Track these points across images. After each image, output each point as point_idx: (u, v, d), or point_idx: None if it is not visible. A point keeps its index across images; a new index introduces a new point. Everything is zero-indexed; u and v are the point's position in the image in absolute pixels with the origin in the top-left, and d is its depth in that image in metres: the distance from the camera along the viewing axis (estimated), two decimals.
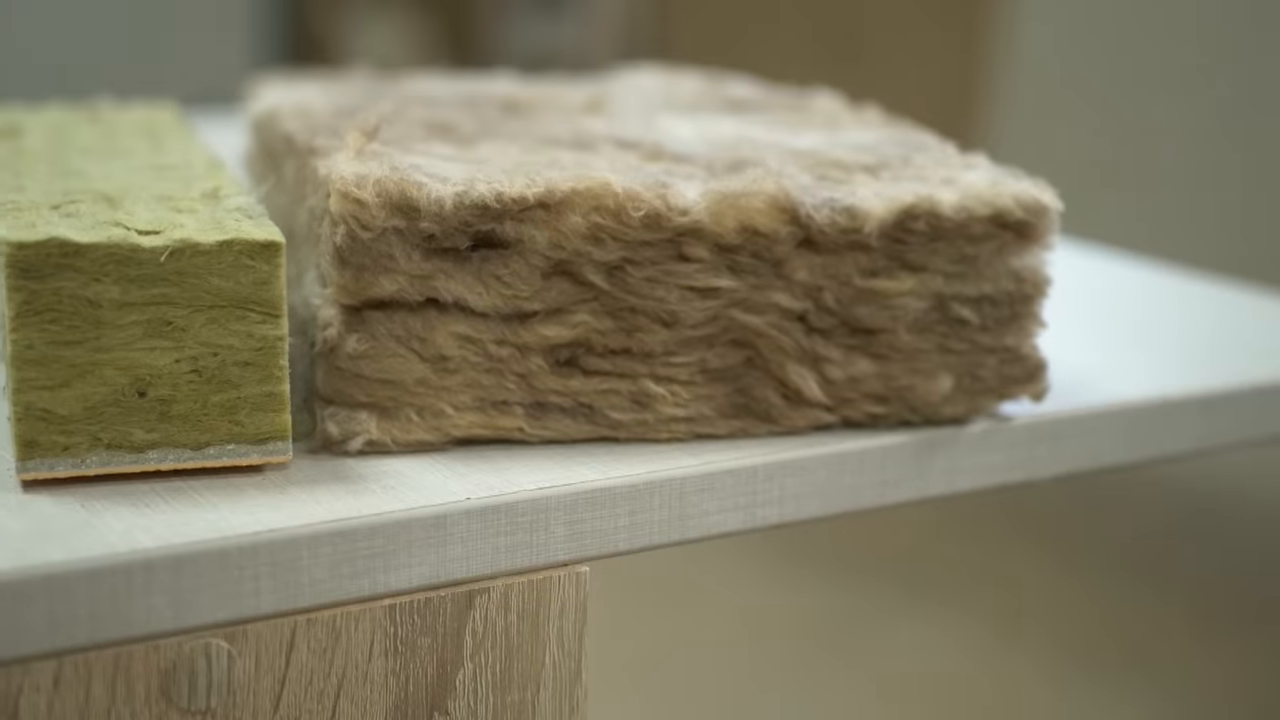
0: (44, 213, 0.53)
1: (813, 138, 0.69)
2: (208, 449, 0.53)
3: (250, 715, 0.50)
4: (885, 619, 1.96)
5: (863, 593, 2.04)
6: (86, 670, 0.48)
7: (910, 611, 1.98)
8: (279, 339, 0.53)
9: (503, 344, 0.57)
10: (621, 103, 0.77)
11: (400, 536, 0.52)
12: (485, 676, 0.54)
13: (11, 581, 0.46)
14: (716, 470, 0.57)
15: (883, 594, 2.04)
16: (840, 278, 0.59)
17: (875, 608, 1.99)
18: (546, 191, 0.56)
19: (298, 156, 0.63)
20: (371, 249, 0.55)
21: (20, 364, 0.51)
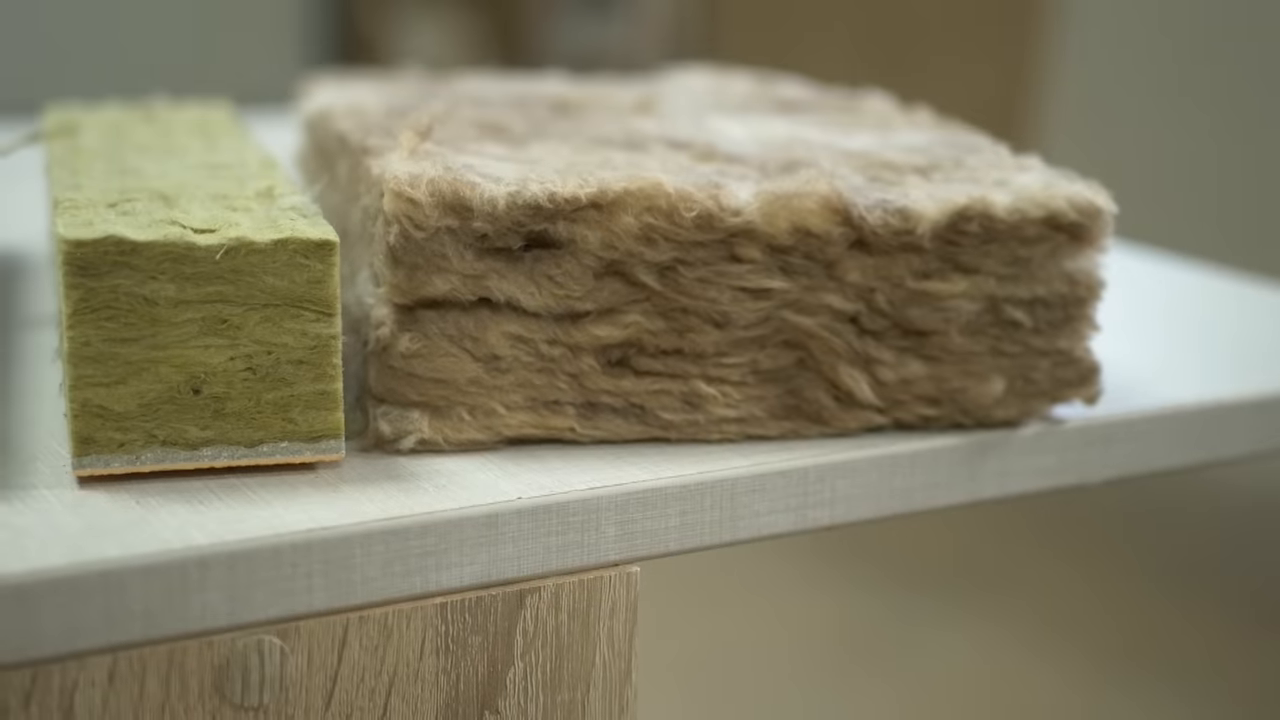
0: (101, 211, 0.54)
1: (865, 139, 0.69)
2: (261, 446, 0.53)
3: (302, 712, 0.51)
4: (932, 622, 1.95)
5: (909, 595, 2.03)
6: (141, 666, 0.48)
7: (956, 615, 1.98)
8: (333, 337, 0.53)
9: (555, 344, 0.57)
10: (672, 103, 0.77)
11: (452, 535, 0.52)
12: (536, 676, 0.54)
13: (68, 577, 0.46)
14: (767, 471, 0.57)
15: (929, 597, 2.03)
16: (892, 279, 0.59)
17: (922, 610, 1.99)
18: (599, 192, 0.56)
19: (351, 156, 0.64)
20: (425, 248, 0.55)
21: (77, 361, 0.51)
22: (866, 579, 2.07)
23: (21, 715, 0.46)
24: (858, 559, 2.11)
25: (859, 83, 0.95)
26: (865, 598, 2.02)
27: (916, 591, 2.05)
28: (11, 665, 0.46)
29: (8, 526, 0.49)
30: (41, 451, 0.55)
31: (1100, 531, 2.24)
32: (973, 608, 2.00)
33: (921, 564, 2.12)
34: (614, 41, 3.21)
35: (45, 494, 0.51)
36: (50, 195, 0.62)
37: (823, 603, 2.01)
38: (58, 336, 0.60)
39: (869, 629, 1.94)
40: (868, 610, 1.99)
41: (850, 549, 2.12)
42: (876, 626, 1.95)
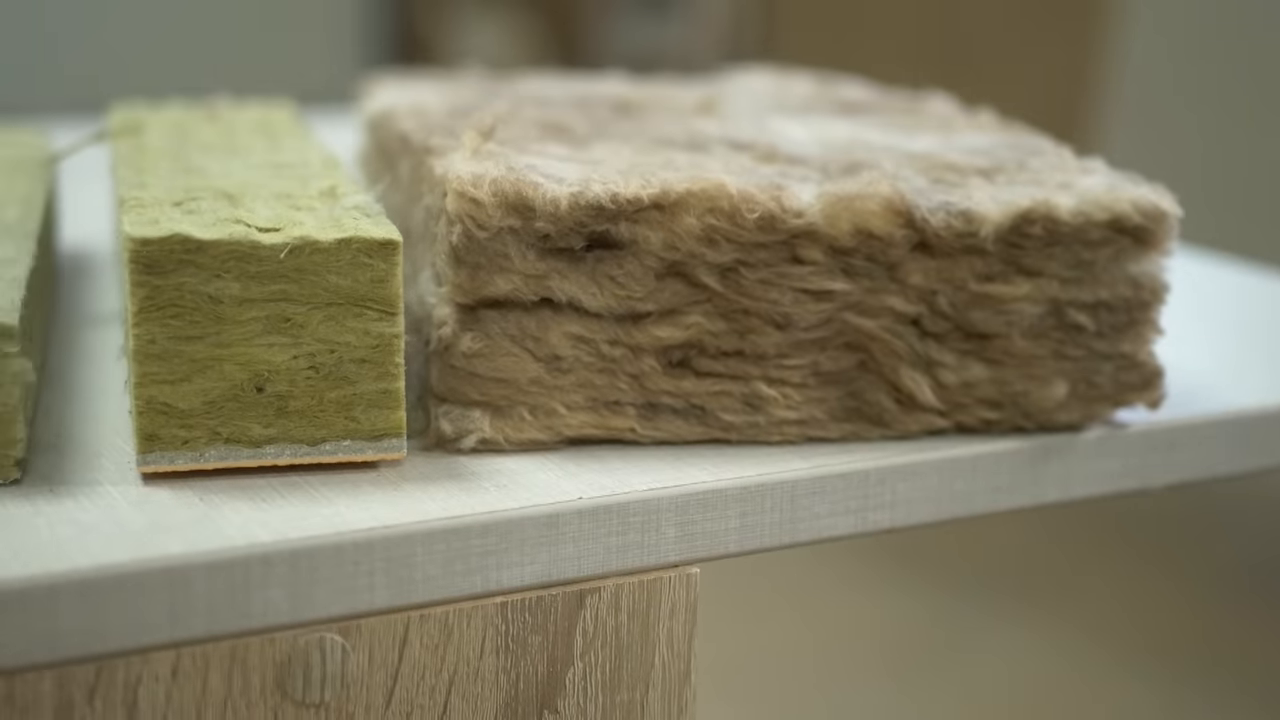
0: (166, 209, 0.54)
1: (927, 141, 0.69)
2: (324, 445, 0.53)
3: (363, 709, 0.51)
4: (986, 627, 1.95)
5: (965, 600, 2.02)
6: (204, 661, 0.48)
7: (1011, 620, 1.97)
8: (395, 337, 0.53)
9: (616, 344, 0.57)
10: (733, 104, 0.76)
11: (513, 535, 0.52)
12: (595, 676, 0.54)
13: (132, 573, 0.47)
14: (828, 474, 0.57)
15: (983, 601, 2.02)
16: (955, 282, 0.58)
17: (977, 615, 1.98)
18: (661, 192, 0.56)
19: (413, 156, 0.64)
20: (487, 248, 0.55)
21: (142, 358, 0.51)
22: (922, 582, 2.06)
23: (86, 709, 0.47)
24: (915, 562, 2.11)
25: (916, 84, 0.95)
26: (921, 601, 2.02)
27: (971, 596, 2.04)
28: (76, 660, 0.46)
29: (74, 522, 0.49)
30: (106, 448, 0.55)
31: (1158, 537, 2.22)
32: (1028, 613, 1.99)
33: (977, 568, 2.11)
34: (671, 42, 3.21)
35: (110, 490, 0.52)
36: (116, 194, 0.63)
37: (878, 605, 2.00)
38: (123, 334, 0.61)
39: (926, 633, 1.93)
40: (924, 614, 1.98)
41: (907, 552, 2.11)
42: (933, 630, 1.94)
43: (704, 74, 0.93)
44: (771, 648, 1.89)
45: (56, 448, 0.55)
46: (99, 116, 0.88)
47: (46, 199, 0.69)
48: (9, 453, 0.51)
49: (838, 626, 1.96)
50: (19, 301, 0.52)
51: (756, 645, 1.89)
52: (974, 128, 0.73)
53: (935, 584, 2.06)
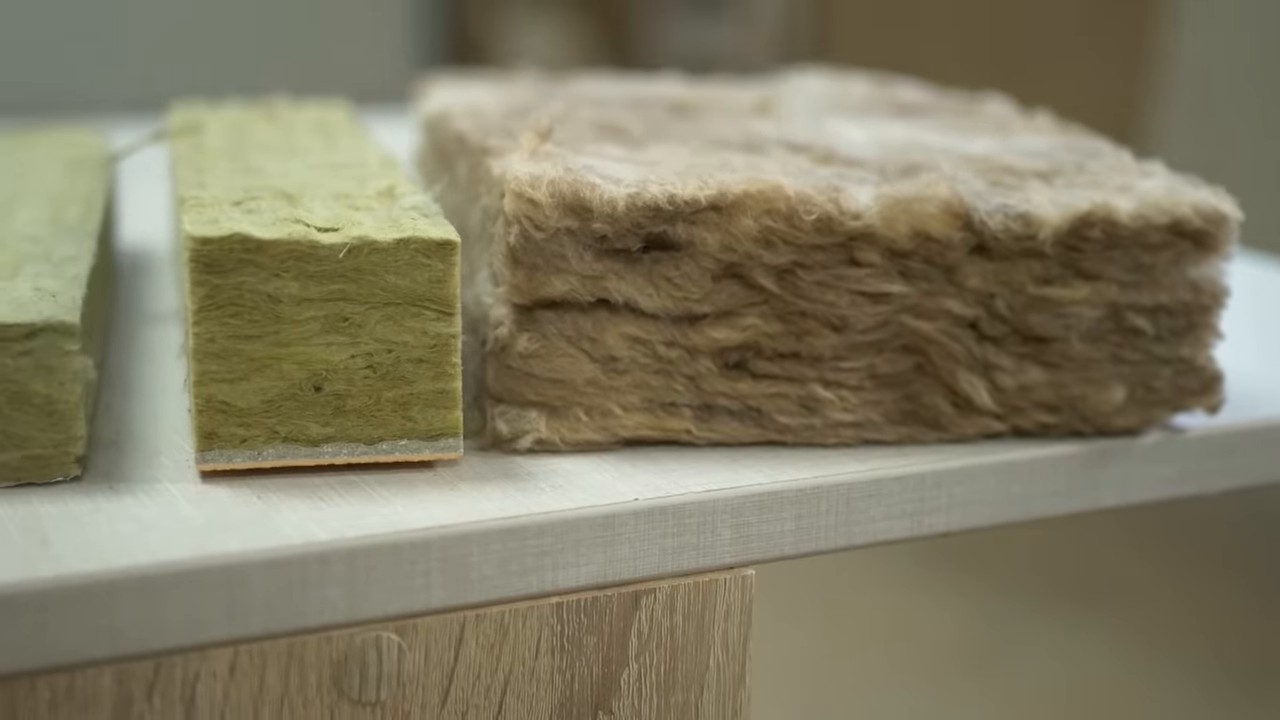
0: (226, 209, 0.54)
1: (985, 143, 0.68)
2: (381, 444, 0.53)
3: (419, 708, 0.51)
4: (1042, 631, 1.94)
5: (1019, 603, 2.02)
6: (261, 659, 0.48)
7: (1067, 624, 1.96)
8: (453, 336, 0.53)
9: (672, 345, 0.57)
10: (790, 105, 0.76)
11: (569, 535, 0.52)
12: (650, 677, 0.54)
13: (191, 570, 0.47)
14: (884, 476, 0.57)
15: (1039, 605, 2.01)
16: (1013, 285, 0.58)
17: (1032, 618, 1.97)
18: (719, 194, 0.56)
19: (470, 156, 0.64)
20: (544, 249, 0.55)
21: (202, 357, 0.52)
22: (977, 586, 2.05)
23: (145, 705, 0.47)
24: (970, 565, 2.10)
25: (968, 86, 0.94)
26: (975, 605, 2.01)
27: (1026, 600, 2.03)
28: (135, 656, 0.47)
29: (133, 519, 0.49)
30: (165, 446, 0.56)
31: (1215, 543, 2.21)
32: (1083, 618, 1.98)
33: (1032, 572, 2.10)
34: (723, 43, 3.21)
35: (169, 488, 0.52)
36: (175, 193, 0.63)
37: (932, 608, 2.00)
38: (182, 332, 0.61)
39: (979, 636, 1.93)
40: (978, 618, 1.97)
41: (961, 555, 2.10)
42: (986, 633, 1.93)
43: (757, 75, 0.93)
44: (826, 650, 1.89)
45: (116, 445, 0.56)
46: (155, 116, 0.89)
47: (107, 198, 0.69)
48: (70, 449, 0.51)
49: (891, 629, 1.95)
50: (80, 300, 0.53)
51: (811, 647, 1.88)
52: (1032, 130, 0.72)
53: (990, 587, 2.06)
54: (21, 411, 0.51)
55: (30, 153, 0.74)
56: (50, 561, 0.46)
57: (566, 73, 0.89)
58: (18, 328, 0.50)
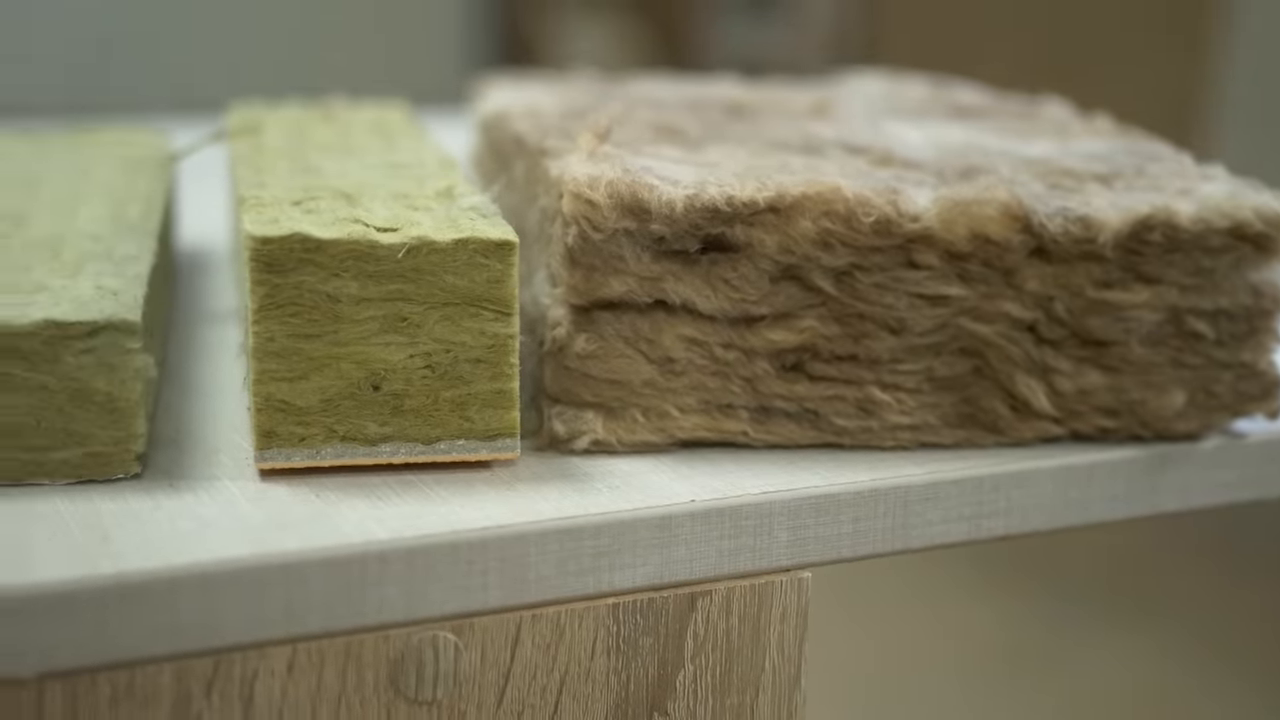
0: (286, 209, 0.55)
1: (1043, 146, 0.68)
2: (438, 444, 0.54)
3: (475, 708, 0.51)
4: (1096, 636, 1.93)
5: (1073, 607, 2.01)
6: (319, 657, 0.49)
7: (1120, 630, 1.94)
8: (510, 337, 0.53)
9: (729, 347, 0.57)
10: (847, 107, 0.76)
11: (625, 536, 0.52)
12: (705, 679, 0.54)
13: (250, 568, 0.47)
14: (942, 480, 0.57)
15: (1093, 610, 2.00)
16: (1072, 288, 0.58)
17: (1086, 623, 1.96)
18: (777, 195, 0.55)
19: (528, 157, 0.64)
20: (602, 250, 0.55)
21: (261, 356, 0.52)
22: (1033, 589, 2.05)
23: (203, 702, 0.47)
24: (1026, 569, 2.09)
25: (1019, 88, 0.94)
26: (1031, 608, 2.00)
27: (1083, 604, 2.02)
28: (195, 653, 0.47)
29: (193, 517, 0.50)
30: (224, 444, 0.56)
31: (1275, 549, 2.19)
32: (1140, 622, 1.96)
33: (1090, 576, 2.09)
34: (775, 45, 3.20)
35: (228, 486, 0.52)
36: (235, 193, 0.63)
37: (987, 612, 1.99)
38: (241, 331, 0.61)
39: (1034, 640, 1.92)
40: (1034, 621, 1.97)
41: (1018, 559, 2.09)
42: (1042, 638, 1.92)
43: (810, 77, 0.93)
44: (880, 653, 1.88)
45: (176, 443, 0.56)
46: (209, 117, 0.89)
47: (166, 198, 0.70)
48: (130, 447, 0.52)
49: (947, 632, 1.94)
50: (141, 298, 0.53)
51: (866, 650, 1.88)
52: (1091, 133, 0.72)
53: (1047, 591, 2.05)
54: (83, 409, 0.51)
55: (91, 152, 0.75)
56: (111, 558, 0.46)
57: (620, 74, 0.89)
58: (80, 326, 0.50)
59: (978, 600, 2.02)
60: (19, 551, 0.46)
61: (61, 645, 0.45)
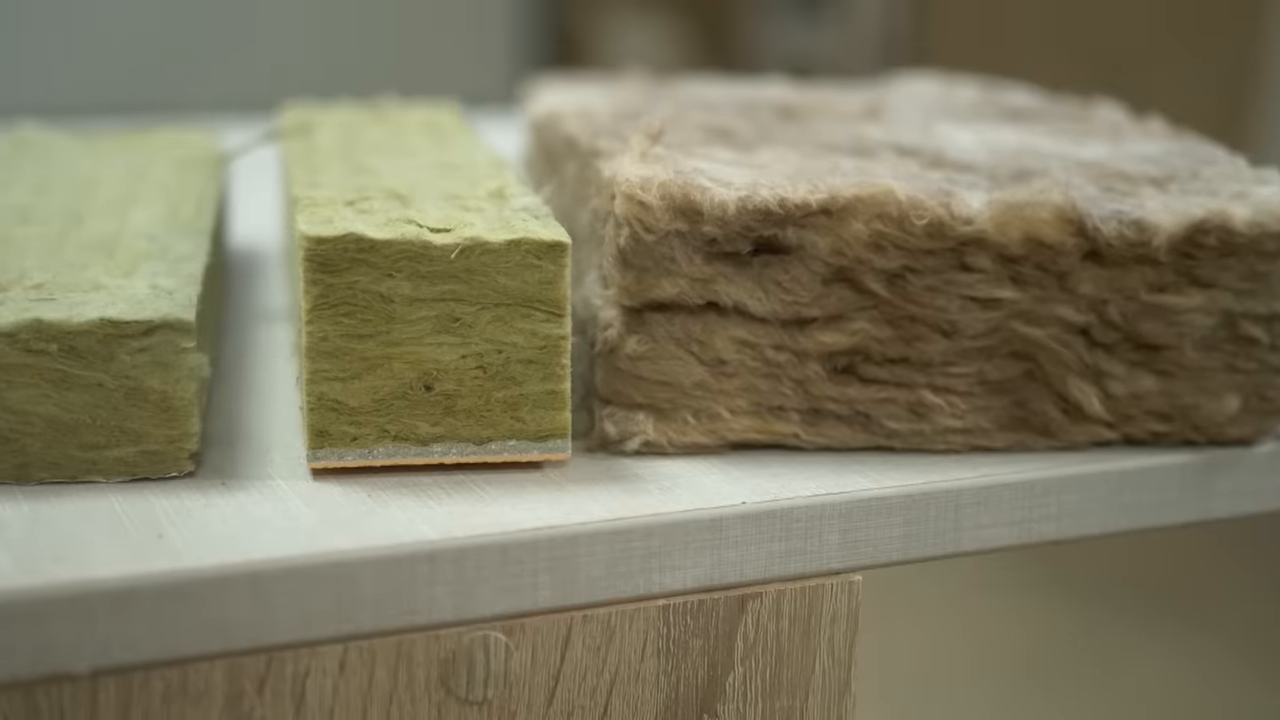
0: (339, 209, 0.55)
1: (1097, 148, 0.68)
2: (489, 444, 0.54)
3: (525, 708, 0.51)
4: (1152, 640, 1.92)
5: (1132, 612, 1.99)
6: (370, 656, 0.49)
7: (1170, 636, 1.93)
8: (562, 338, 0.53)
9: (781, 349, 0.57)
10: (899, 109, 0.76)
11: (676, 538, 0.52)
12: (755, 681, 0.54)
13: (302, 567, 0.47)
14: (993, 483, 0.56)
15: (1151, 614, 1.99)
16: (1126, 292, 0.57)
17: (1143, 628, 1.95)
18: (829, 198, 0.55)
19: (580, 158, 0.64)
20: (654, 251, 0.55)
21: (314, 355, 0.52)
22: (1085, 593, 2.04)
23: (255, 700, 0.48)
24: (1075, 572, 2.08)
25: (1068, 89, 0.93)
26: (1083, 612, 1.99)
27: (1135, 607, 2.01)
28: (247, 650, 0.47)
29: (246, 515, 0.50)
30: (277, 443, 0.56)
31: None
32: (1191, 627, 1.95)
33: (1141, 581, 2.08)
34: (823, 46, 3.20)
35: (281, 485, 0.53)
36: (288, 193, 0.64)
37: (1038, 615, 1.98)
38: (293, 331, 0.62)
39: (1086, 644, 1.91)
40: (1085, 624, 1.96)
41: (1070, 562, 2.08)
42: (1091, 642, 1.91)
43: (859, 78, 0.93)
44: (931, 656, 1.88)
45: (229, 442, 0.56)
46: (260, 118, 0.90)
47: (219, 198, 0.70)
48: (184, 446, 0.52)
49: (997, 636, 1.94)
50: (196, 298, 0.53)
51: (916, 653, 1.87)
52: (1144, 135, 0.71)
53: (1098, 595, 2.04)
54: (138, 407, 0.51)
55: (144, 153, 0.75)
56: (165, 556, 0.47)
57: (670, 74, 0.89)
58: (135, 325, 0.51)
59: (1028, 604, 2.01)
60: (76, 548, 0.47)
61: (116, 641, 0.45)
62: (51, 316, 0.50)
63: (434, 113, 0.78)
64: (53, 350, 0.50)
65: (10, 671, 0.44)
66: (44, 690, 0.45)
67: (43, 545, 0.47)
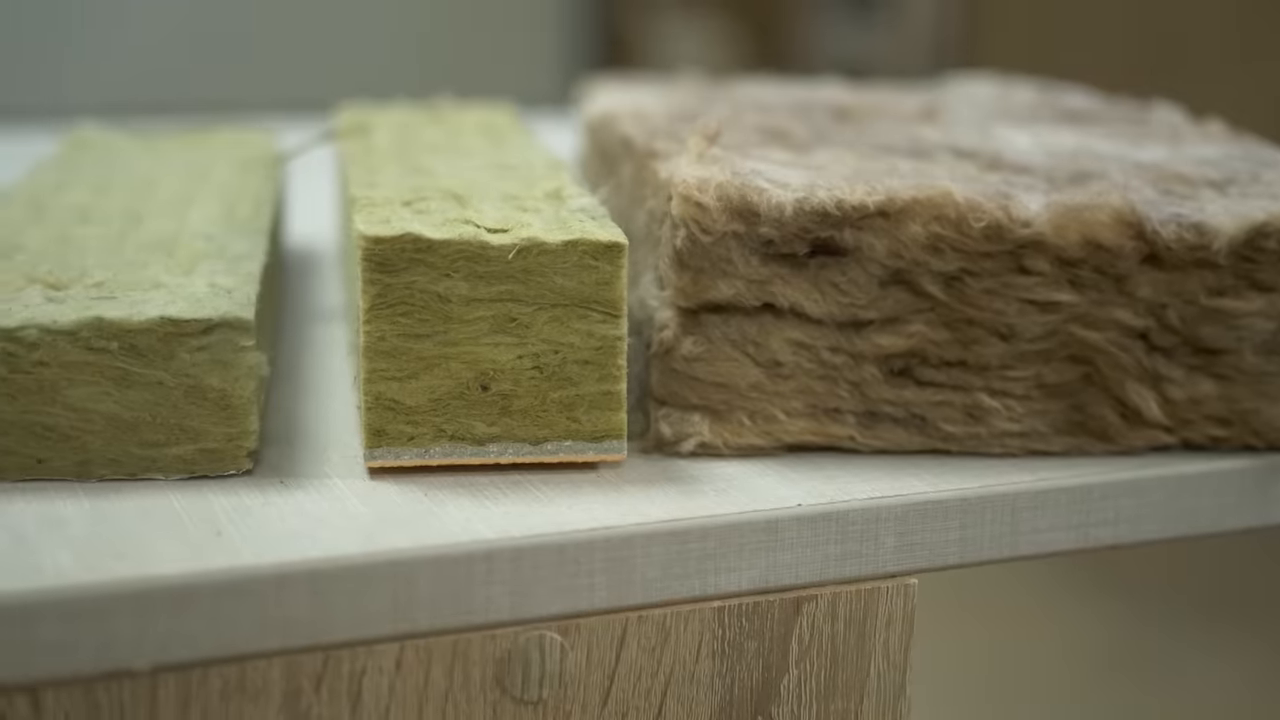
0: (397, 209, 0.55)
1: (1155, 151, 0.67)
2: (545, 444, 0.54)
3: (580, 708, 0.51)
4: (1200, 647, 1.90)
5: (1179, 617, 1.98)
6: (427, 655, 0.49)
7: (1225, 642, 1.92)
8: (618, 339, 0.53)
9: (837, 351, 0.57)
10: (955, 111, 0.76)
11: (732, 539, 0.52)
12: (810, 684, 0.54)
13: (360, 565, 0.47)
14: (1050, 488, 0.56)
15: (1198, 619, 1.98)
16: (1185, 295, 0.57)
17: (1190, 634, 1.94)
18: (887, 200, 0.55)
19: (636, 159, 0.64)
20: (711, 253, 0.55)
21: (372, 355, 0.52)
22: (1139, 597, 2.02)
23: (313, 697, 0.48)
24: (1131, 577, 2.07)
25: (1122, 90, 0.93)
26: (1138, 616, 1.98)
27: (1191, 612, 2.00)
28: (305, 648, 0.47)
29: (303, 514, 0.50)
30: (334, 442, 0.57)
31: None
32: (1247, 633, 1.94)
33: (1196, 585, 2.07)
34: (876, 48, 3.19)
35: (338, 483, 0.53)
36: (345, 192, 0.64)
37: (1093, 619, 1.97)
38: (350, 330, 0.62)
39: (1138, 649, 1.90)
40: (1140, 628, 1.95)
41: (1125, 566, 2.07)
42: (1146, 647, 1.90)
43: (911, 79, 0.93)
44: (986, 659, 1.87)
45: (286, 440, 0.57)
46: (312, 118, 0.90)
47: (276, 197, 0.70)
48: (243, 444, 0.52)
49: (1052, 640, 1.93)
50: (254, 296, 0.54)
51: (972, 657, 1.87)
52: (1203, 138, 0.71)
53: (1152, 600, 2.02)
54: (197, 405, 0.52)
55: (202, 152, 0.76)
56: (224, 553, 0.47)
57: (722, 75, 0.89)
58: (195, 323, 0.51)
59: (1083, 608, 2.00)
60: (136, 545, 0.47)
61: (175, 638, 0.46)
62: (112, 315, 0.51)
63: (490, 113, 0.78)
64: (113, 348, 0.51)
65: (71, 668, 0.45)
66: (104, 686, 0.45)
67: (104, 542, 0.47)
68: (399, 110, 0.78)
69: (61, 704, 0.45)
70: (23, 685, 0.45)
